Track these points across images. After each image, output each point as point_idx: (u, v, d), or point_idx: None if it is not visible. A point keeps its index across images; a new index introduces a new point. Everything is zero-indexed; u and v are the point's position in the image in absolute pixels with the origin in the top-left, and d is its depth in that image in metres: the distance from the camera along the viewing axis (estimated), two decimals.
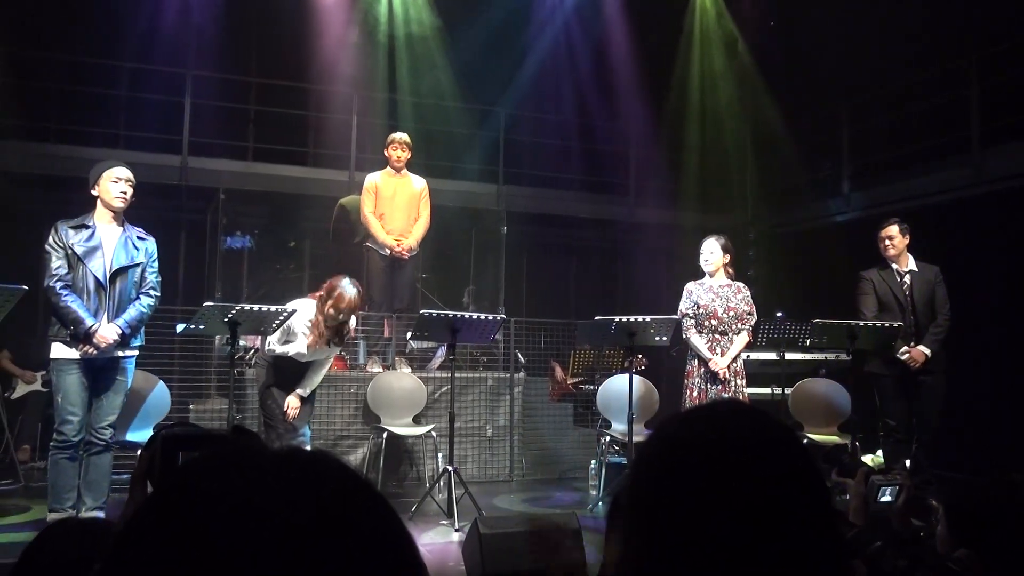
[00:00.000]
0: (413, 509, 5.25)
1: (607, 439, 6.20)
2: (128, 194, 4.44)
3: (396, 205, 6.55)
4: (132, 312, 4.39)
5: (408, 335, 6.14)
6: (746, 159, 10.17)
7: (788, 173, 9.58)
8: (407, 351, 6.81)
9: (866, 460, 5.73)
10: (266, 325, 4.71)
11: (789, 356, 6.40)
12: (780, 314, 7.87)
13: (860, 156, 8.84)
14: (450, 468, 5.19)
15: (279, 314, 4.66)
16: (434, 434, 6.03)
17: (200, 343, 6.38)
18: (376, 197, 6.54)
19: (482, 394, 6.83)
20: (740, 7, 10.18)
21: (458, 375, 5.70)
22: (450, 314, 5.24)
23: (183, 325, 4.83)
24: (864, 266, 5.81)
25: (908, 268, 5.64)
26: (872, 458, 6.01)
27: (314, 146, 9.29)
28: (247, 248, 8.99)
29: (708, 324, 5.47)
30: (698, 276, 5.66)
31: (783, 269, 8.99)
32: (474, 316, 5.34)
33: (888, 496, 2.23)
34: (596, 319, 5.51)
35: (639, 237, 9.74)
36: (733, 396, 5.35)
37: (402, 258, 6.49)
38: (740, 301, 5.54)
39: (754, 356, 6.65)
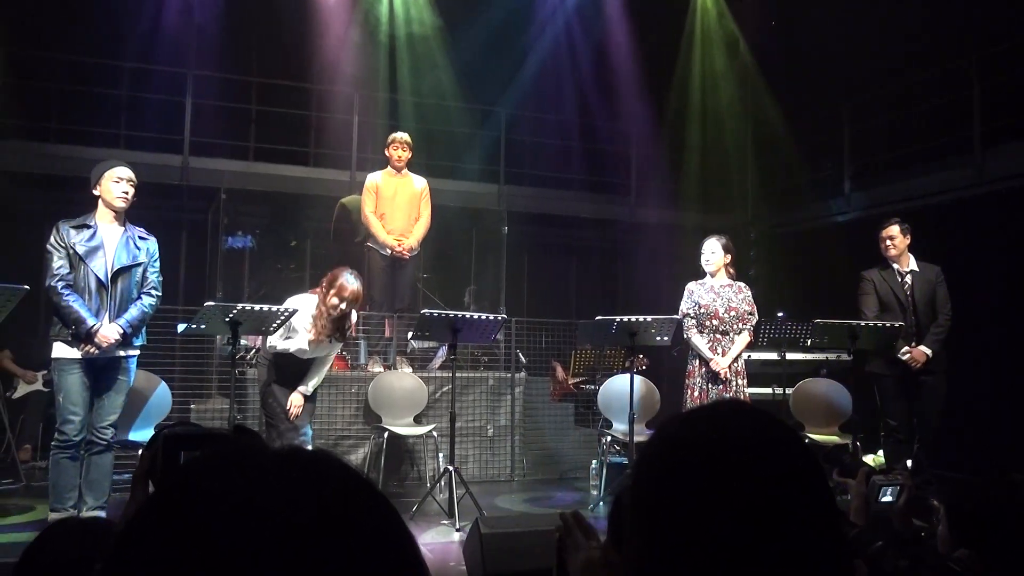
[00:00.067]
0: (414, 509, 5.24)
1: (608, 439, 6.20)
2: (130, 194, 4.44)
3: (397, 205, 6.55)
4: (133, 312, 4.40)
5: (409, 335, 6.13)
6: (747, 159, 10.18)
7: (789, 173, 9.59)
8: (408, 351, 6.81)
9: (867, 460, 5.73)
10: (267, 325, 4.71)
11: (790, 356, 6.39)
12: (781, 314, 7.88)
13: (861, 156, 8.83)
14: (451, 468, 5.18)
15: (280, 314, 4.66)
16: (435, 434, 6.03)
17: (201, 343, 6.38)
18: (377, 197, 6.53)
19: (483, 394, 6.83)
20: (741, 7, 10.18)
21: (459, 375, 5.70)
22: (451, 314, 5.24)
23: (184, 325, 4.84)
24: (865, 266, 5.80)
25: (909, 268, 5.63)
26: (873, 458, 6.01)
27: (315, 146, 9.29)
28: (248, 248, 8.99)
29: (709, 324, 5.46)
30: (699, 276, 5.65)
31: (784, 269, 8.99)
32: (475, 316, 5.34)
33: (889, 496, 2.23)
34: (597, 319, 5.51)
35: (640, 237, 9.73)
36: (734, 396, 5.35)
37: (403, 258, 6.49)
38: (741, 301, 5.53)
39: (755, 356, 6.65)
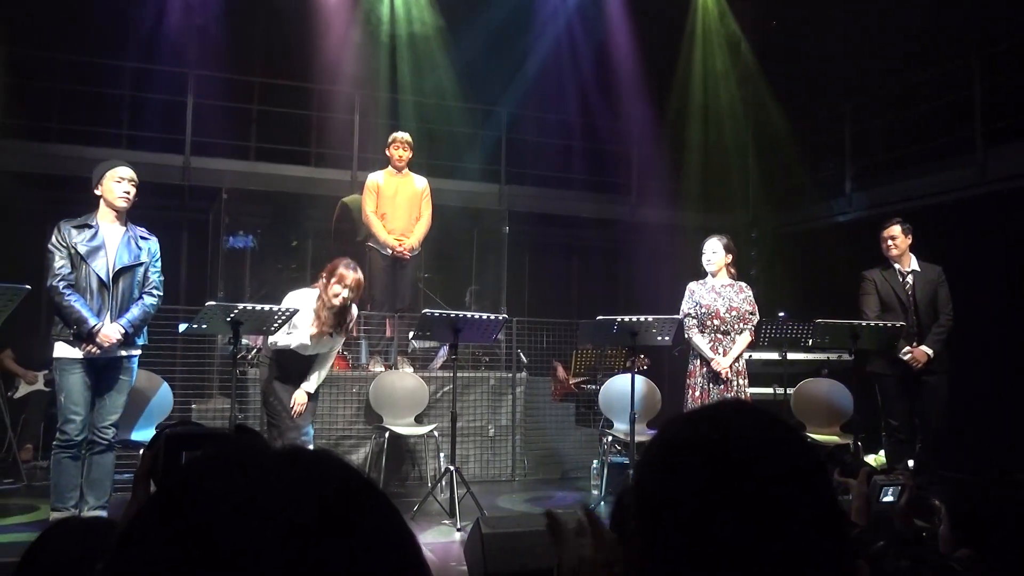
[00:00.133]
0: (415, 509, 5.24)
1: (609, 439, 6.20)
2: (131, 194, 4.45)
3: (398, 205, 6.55)
4: (135, 311, 4.40)
5: (410, 335, 6.13)
6: (748, 159, 10.16)
7: (790, 173, 9.58)
8: (409, 351, 6.81)
9: (868, 460, 5.74)
10: (268, 325, 4.70)
11: (791, 356, 6.38)
12: (782, 314, 7.87)
13: (862, 156, 8.82)
14: (452, 468, 5.18)
15: (281, 314, 4.66)
16: (436, 434, 6.03)
17: (203, 342, 6.39)
18: (378, 196, 6.53)
19: (484, 394, 6.83)
20: (742, 7, 10.17)
21: (460, 375, 5.70)
22: (452, 314, 5.24)
23: (186, 324, 4.83)
24: (866, 266, 5.80)
25: (911, 268, 5.62)
26: (874, 458, 6.01)
27: (316, 146, 9.29)
28: (249, 247, 8.98)
29: (710, 324, 5.46)
30: (700, 276, 5.65)
31: (785, 269, 8.98)
32: (476, 316, 5.34)
33: (890, 496, 2.23)
34: (598, 319, 5.50)
35: (641, 237, 9.72)
36: (735, 396, 5.35)
37: (404, 258, 6.49)
38: (742, 301, 5.53)
39: (756, 356, 6.64)
